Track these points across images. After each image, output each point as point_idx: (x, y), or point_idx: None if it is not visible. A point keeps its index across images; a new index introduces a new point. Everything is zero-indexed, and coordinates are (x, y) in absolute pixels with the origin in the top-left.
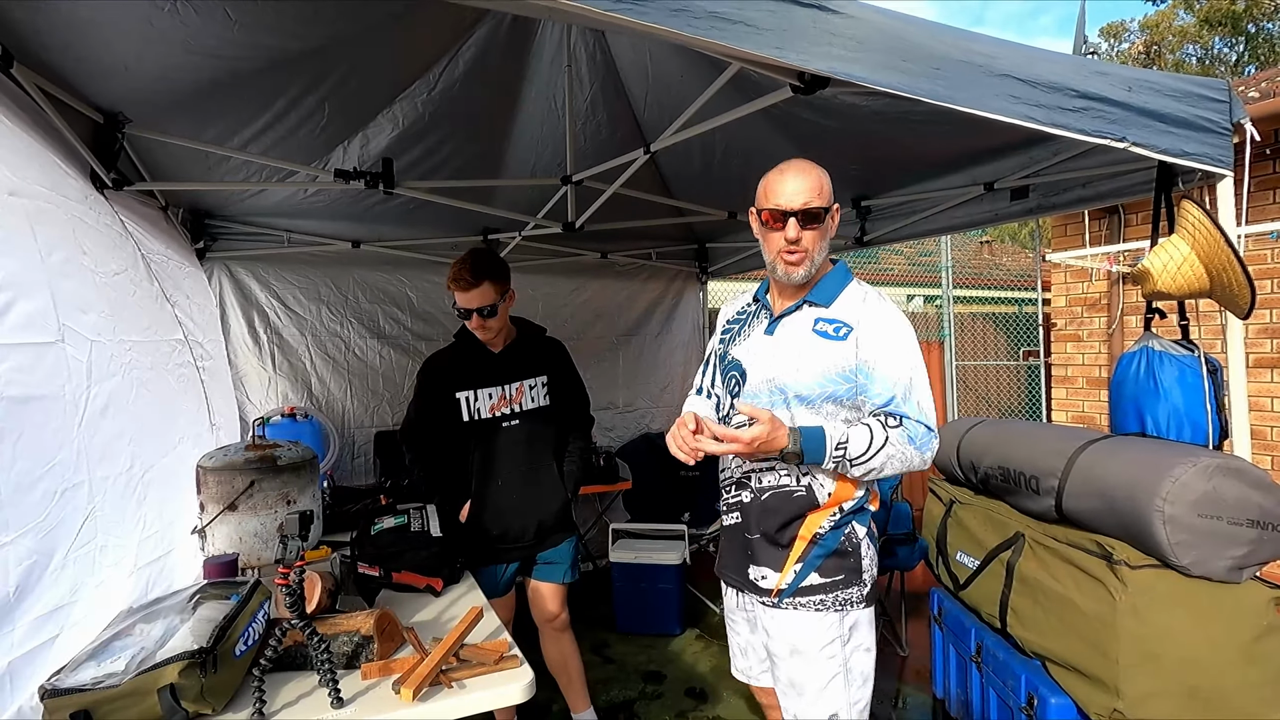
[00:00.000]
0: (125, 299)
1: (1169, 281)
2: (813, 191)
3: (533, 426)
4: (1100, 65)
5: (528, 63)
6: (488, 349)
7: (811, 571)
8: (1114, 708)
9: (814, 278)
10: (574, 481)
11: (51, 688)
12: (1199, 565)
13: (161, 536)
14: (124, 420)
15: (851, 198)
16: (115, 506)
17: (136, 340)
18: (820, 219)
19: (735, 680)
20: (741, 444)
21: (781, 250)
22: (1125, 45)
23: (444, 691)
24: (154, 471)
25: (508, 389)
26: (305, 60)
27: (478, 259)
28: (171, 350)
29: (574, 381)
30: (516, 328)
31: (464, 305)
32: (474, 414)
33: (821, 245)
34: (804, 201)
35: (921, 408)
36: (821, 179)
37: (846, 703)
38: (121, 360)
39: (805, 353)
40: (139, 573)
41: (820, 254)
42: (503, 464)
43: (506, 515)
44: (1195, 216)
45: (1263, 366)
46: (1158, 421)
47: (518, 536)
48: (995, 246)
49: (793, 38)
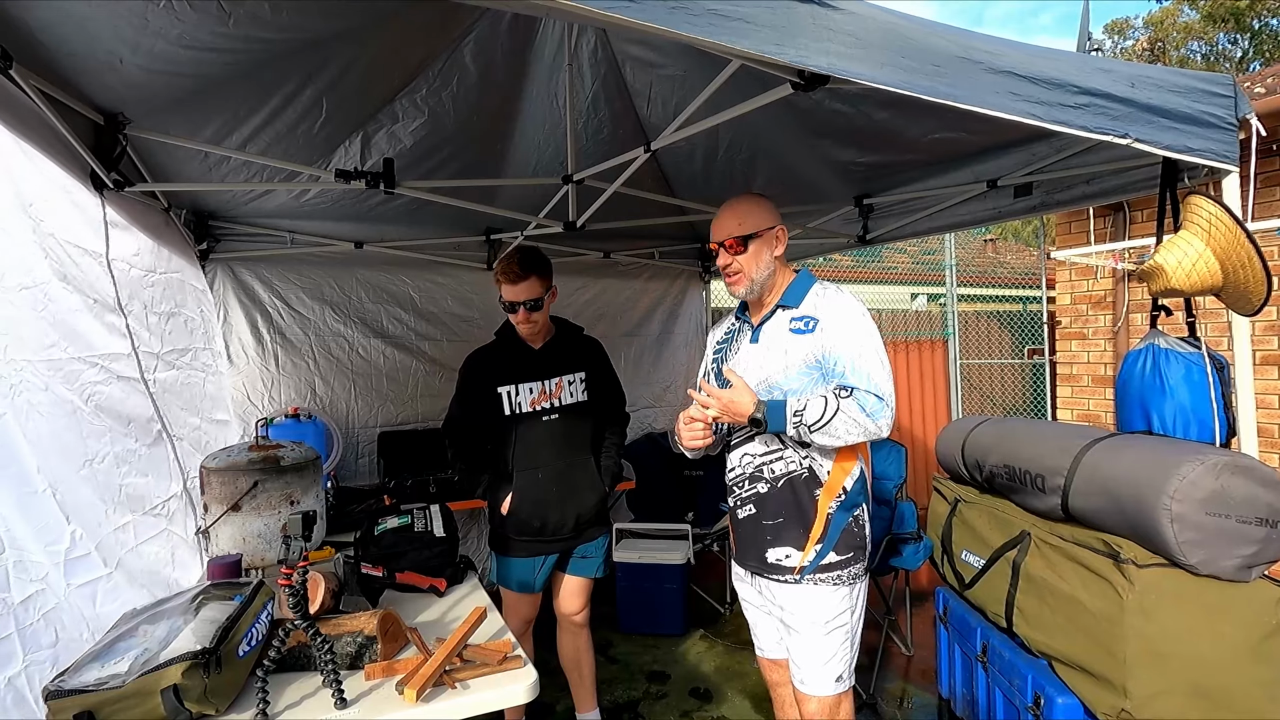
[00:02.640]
0: (26, 315)
1: (1183, 278)
2: (733, 224)
3: (571, 421)
4: (1102, 61)
5: (529, 61)
6: (528, 346)
7: (830, 550)
8: (1121, 707)
9: (781, 285)
10: (611, 476)
11: (55, 688)
12: (1207, 564)
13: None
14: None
15: (854, 196)
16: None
17: (29, 359)
18: (745, 245)
19: (740, 680)
20: (718, 400)
21: (724, 273)
22: (1129, 42)
23: (447, 692)
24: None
25: (548, 384)
26: (302, 56)
27: (525, 254)
28: (89, 367)
29: (610, 378)
30: (555, 326)
31: (510, 299)
32: (515, 408)
33: (759, 264)
34: (725, 234)
35: (872, 379)
36: (743, 213)
37: (848, 664)
38: (10, 381)
39: (790, 350)
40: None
41: (760, 271)
42: (543, 456)
43: (546, 507)
44: (1210, 211)
45: (1270, 363)
46: (1164, 419)
47: (557, 529)
48: (999, 244)
49: (792, 34)
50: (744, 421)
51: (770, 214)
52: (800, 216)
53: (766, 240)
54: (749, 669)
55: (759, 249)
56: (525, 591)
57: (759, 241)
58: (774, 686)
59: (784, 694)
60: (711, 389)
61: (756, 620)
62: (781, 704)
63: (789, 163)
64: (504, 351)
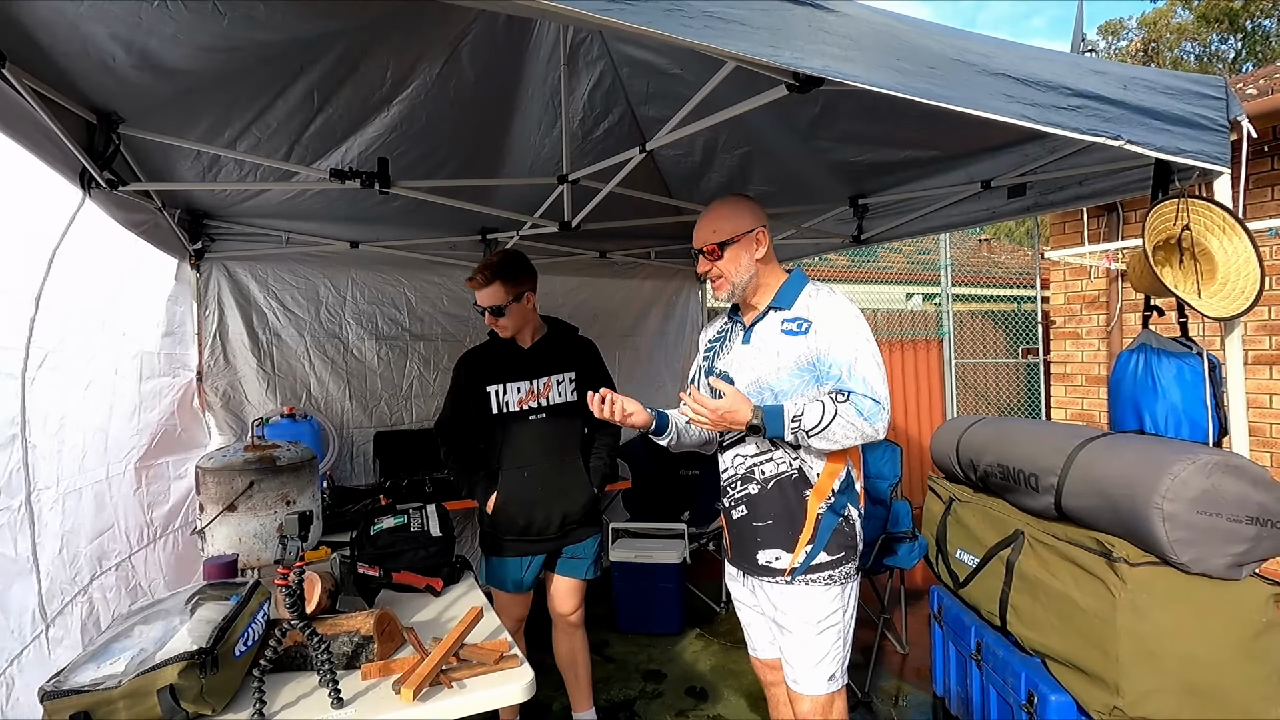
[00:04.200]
0: None
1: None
2: (708, 231)
3: (559, 421)
4: (1096, 63)
5: (524, 61)
6: (517, 345)
7: (820, 551)
8: (1114, 705)
9: (772, 286)
10: (600, 477)
11: (51, 689)
12: (1198, 562)
13: None
14: None
15: (849, 196)
16: None
17: None
18: (722, 250)
19: (735, 679)
20: (711, 412)
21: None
22: (1123, 43)
23: (444, 691)
24: None
25: (535, 383)
26: (297, 56)
27: (498, 260)
28: None
29: (603, 379)
30: (548, 326)
31: (478, 302)
32: (502, 406)
33: (738, 268)
34: (702, 241)
35: (868, 383)
36: (719, 219)
37: (841, 663)
38: None
39: (782, 351)
40: None
41: (740, 274)
42: (529, 455)
43: (532, 506)
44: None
45: (1261, 363)
46: (1156, 419)
47: (543, 528)
48: (994, 244)
49: (787, 37)
50: (742, 429)
51: (749, 217)
52: (795, 216)
53: (745, 244)
54: (744, 668)
55: (737, 253)
56: (517, 591)
57: (736, 246)
58: (768, 686)
59: (778, 693)
60: (703, 399)
61: (750, 620)
62: (776, 703)
63: (784, 162)
64: (495, 351)
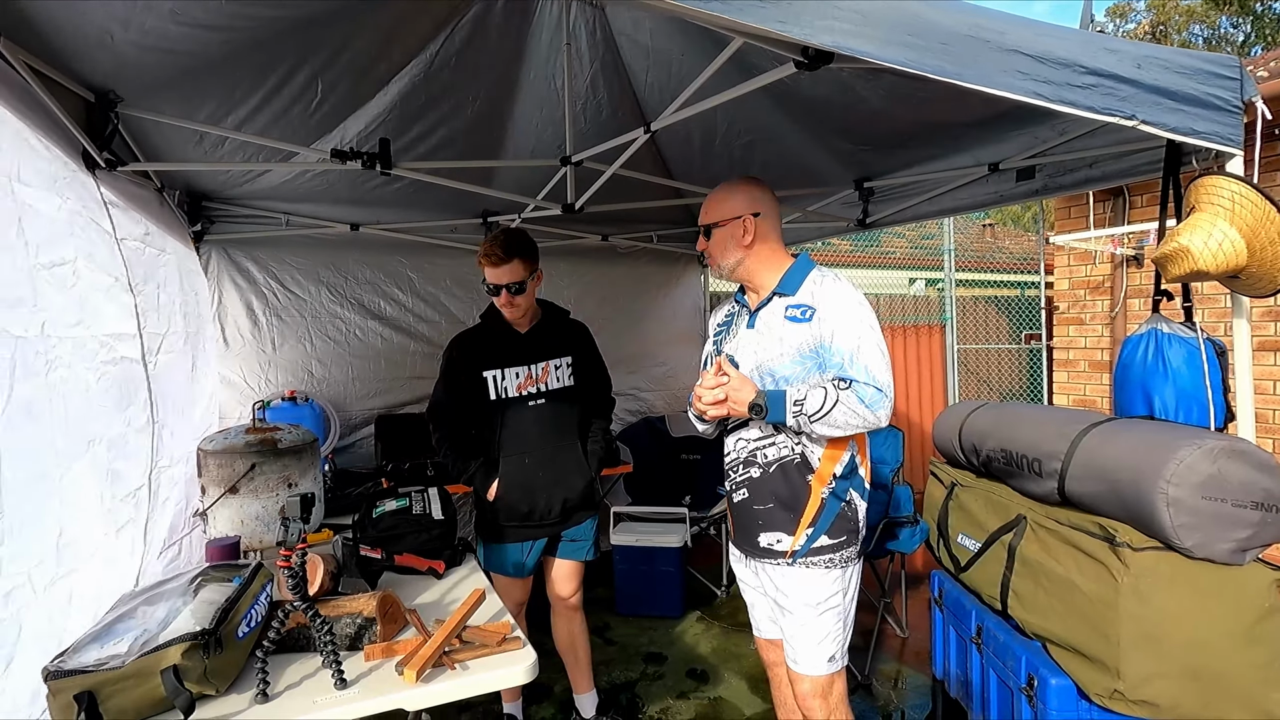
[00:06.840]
0: (60, 292)
1: (1210, 259)
2: (702, 212)
3: (558, 405)
4: (1109, 41)
5: (526, 42)
6: (514, 330)
7: (821, 534)
8: (1114, 689)
9: (777, 271)
10: (597, 460)
11: (55, 669)
12: (1202, 547)
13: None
14: (45, 422)
15: (854, 179)
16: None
17: (62, 336)
18: (708, 234)
19: (736, 661)
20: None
21: None
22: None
23: (447, 673)
24: (69, 477)
25: (534, 368)
26: (297, 36)
27: (509, 236)
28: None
29: (597, 363)
30: (542, 309)
31: (493, 281)
32: (501, 392)
33: (724, 252)
34: (700, 220)
35: (870, 371)
36: (712, 201)
37: (841, 645)
38: (47, 357)
39: (785, 337)
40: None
41: (726, 258)
42: (530, 441)
43: (534, 492)
44: (1233, 189)
45: (1267, 349)
46: (1165, 403)
47: (545, 513)
48: (998, 229)
49: (797, 11)
50: (744, 412)
51: (741, 202)
52: (800, 200)
53: (731, 229)
54: (745, 650)
55: (723, 238)
56: (517, 575)
57: (722, 231)
58: (770, 666)
59: (780, 674)
60: (728, 367)
61: (753, 601)
62: (778, 683)
63: (789, 145)
64: (490, 335)
